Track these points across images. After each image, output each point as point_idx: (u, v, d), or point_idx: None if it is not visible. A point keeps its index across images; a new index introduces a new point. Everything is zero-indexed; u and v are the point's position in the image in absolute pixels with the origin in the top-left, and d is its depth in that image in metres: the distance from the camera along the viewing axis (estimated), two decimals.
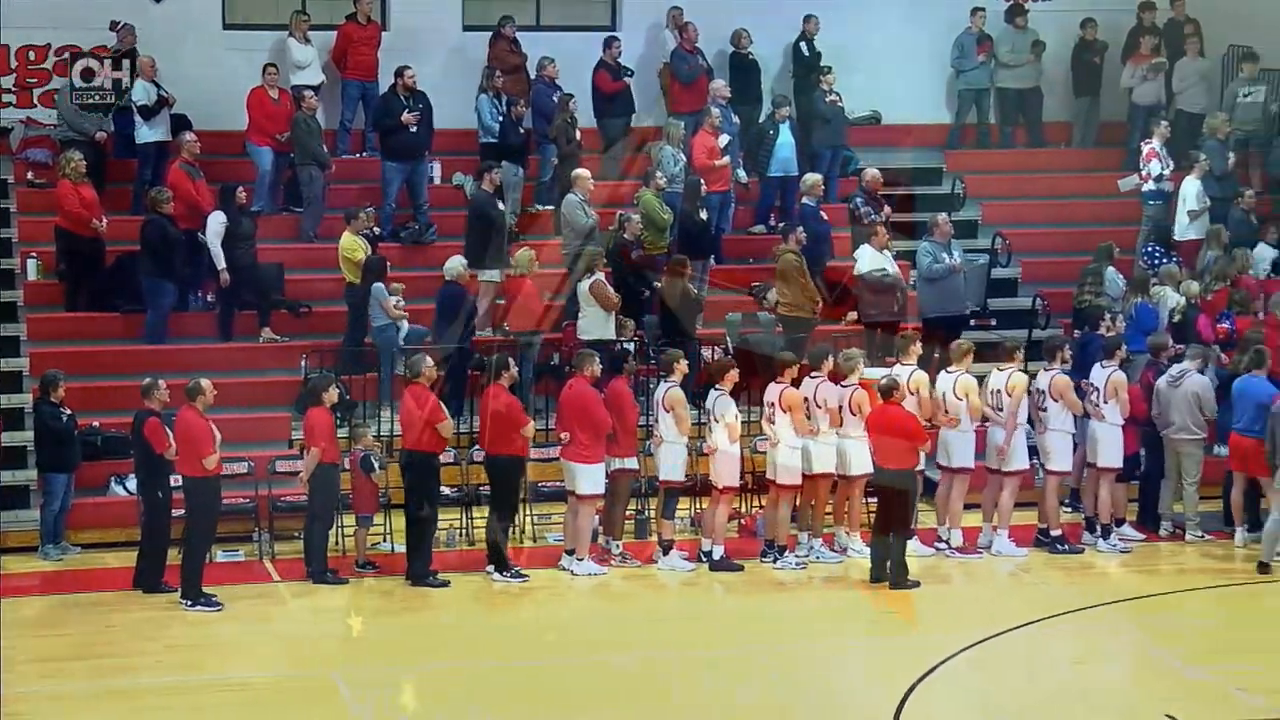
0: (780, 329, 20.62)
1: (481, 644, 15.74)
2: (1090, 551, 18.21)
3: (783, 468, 17.55)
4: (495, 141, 22.17)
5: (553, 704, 14.31)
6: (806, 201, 21.68)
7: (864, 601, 16.87)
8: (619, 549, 17.80)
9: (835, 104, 23.38)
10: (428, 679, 14.82)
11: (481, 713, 14.16)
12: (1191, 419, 18.25)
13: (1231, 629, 16.33)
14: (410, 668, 15.04)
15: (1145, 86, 24.49)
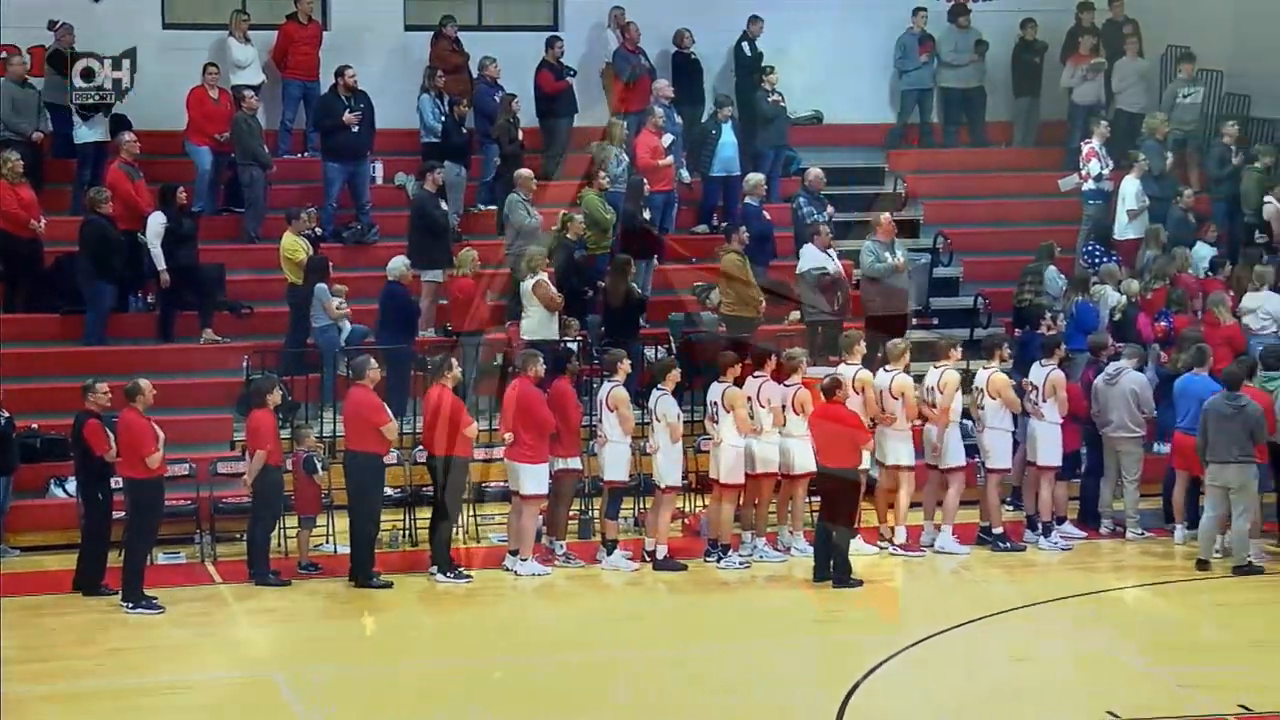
0: (723, 329, 20.66)
1: (425, 645, 15.71)
2: (1032, 549, 18.30)
3: (726, 467, 17.59)
4: (437, 141, 22.13)
5: (496, 704, 14.29)
6: (749, 201, 21.73)
7: (807, 600, 16.92)
8: (563, 549, 17.80)
9: (778, 104, 23.45)
10: (371, 680, 14.78)
11: (425, 713, 14.13)
12: (1130, 417, 18.36)
13: (1172, 626, 16.45)
14: (354, 669, 14.99)
15: (1085, 86, 24.65)
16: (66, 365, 19.23)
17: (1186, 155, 23.91)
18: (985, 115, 25.11)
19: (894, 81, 24.96)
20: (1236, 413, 17.25)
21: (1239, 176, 22.69)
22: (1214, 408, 17.40)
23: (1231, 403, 17.31)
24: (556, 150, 23.18)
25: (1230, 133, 23.05)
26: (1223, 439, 17.31)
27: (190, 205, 20.67)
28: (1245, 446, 17.27)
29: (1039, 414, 18.21)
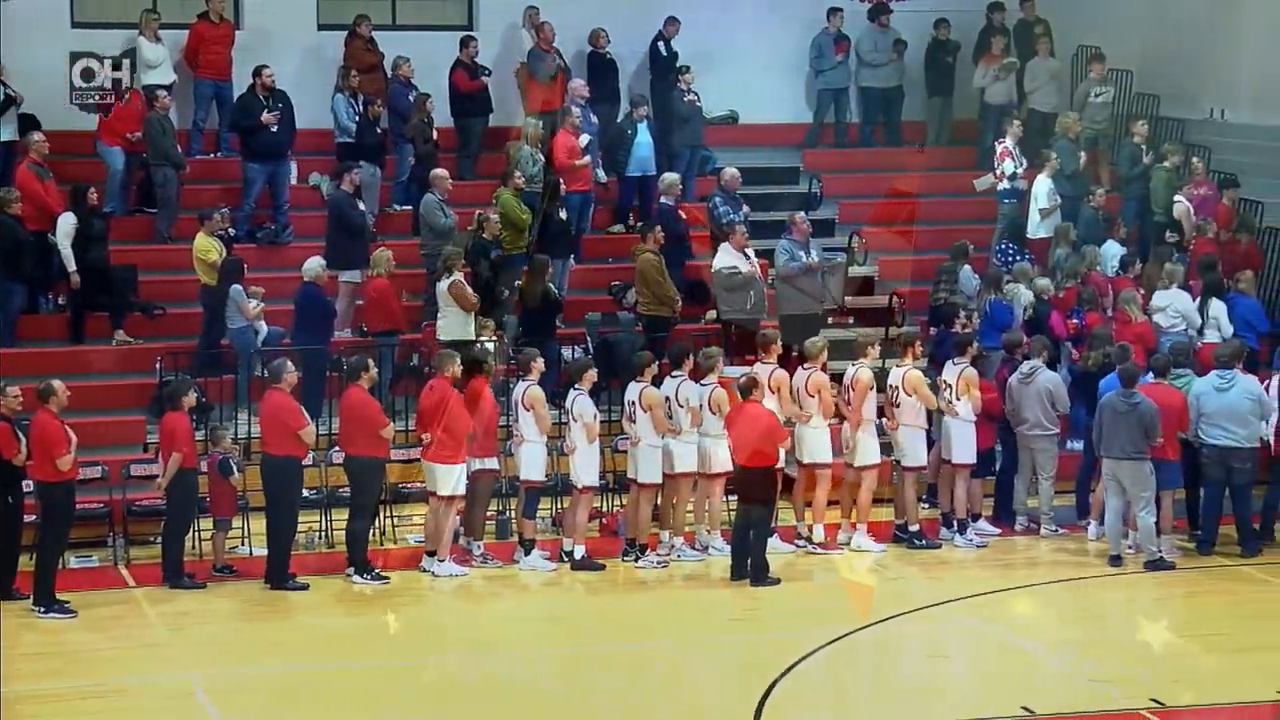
0: (640, 328, 20.70)
1: (342, 646, 15.65)
2: (947, 547, 18.42)
3: (644, 467, 17.62)
4: (352, 141, 22.07)
5: (413, 705, 14.26)
6: (665, 201, 21.77)
7: (725, 599, 16.97)
8: (480, 549, 17.79)
9: (693, 103, 23.51)
10: (287, 682, 14.72)
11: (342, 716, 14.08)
12: (1044, 415, 18.50)
13: (1085, 622, 16.60)
14: (270, 671, 14.93)
15: (997, 86, 24.84)
16: None
17: (1098, 154, 24.13)
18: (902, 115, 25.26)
19: (810, 81, 25.08)
20: (1130, 410, 17.41)
21: (1149, 176, 22.91)
22: (1109, 404, 17.57)
23: (1126, 400, 17.47)
24: (471, 150, 23.17)
25: (1140, 132, 23.28)
26: (1118, 435, 17.47)
27: (101, 206, 20.52)
28: (1139, 443, 17.42)
29: (953, 412, 18.33)
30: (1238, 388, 17.81)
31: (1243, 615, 16.55)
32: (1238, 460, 17.79)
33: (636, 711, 14.30)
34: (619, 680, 14.96)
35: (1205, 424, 17.87)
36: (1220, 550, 18.08)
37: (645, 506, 17.74)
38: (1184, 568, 17.73)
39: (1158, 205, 22.75)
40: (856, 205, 24.05)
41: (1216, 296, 20.52)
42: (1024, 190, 22.94)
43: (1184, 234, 22.17)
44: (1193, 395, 17.94)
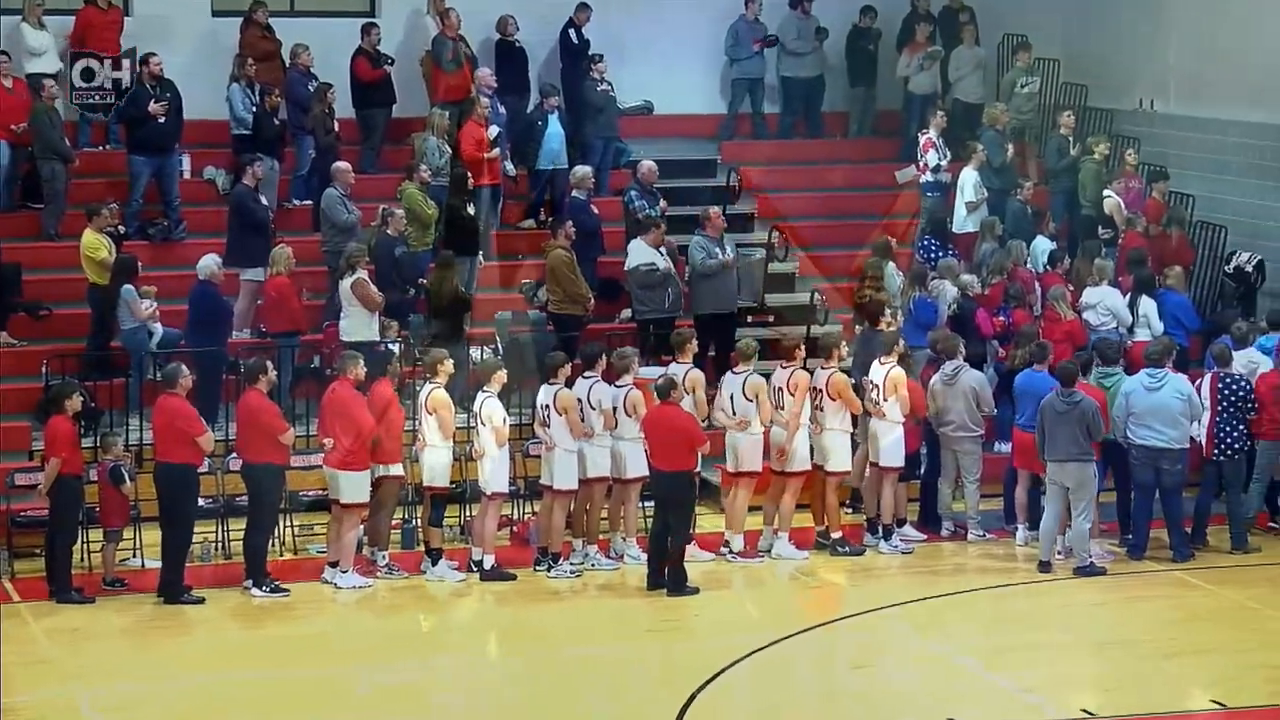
0: (551, 328, 20.68)
1: (239, 662, 15.55)
2: (872, 553, 18.49)
3: (558, 472, 17.59)
4: (248, 133, 21.94)
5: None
6: (577, 195, 21.76)
7: (642, 609, 16.97)
8: (385, 559, 17.71)
9: (606, 93, 23.49)
10: (182, 700, 14.62)
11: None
12: (969, 416, 18.59)
13: (1013, 629, 16.70)
14: (163, 689, 14.81)
15: (921, 76, 24.96)
16: None
17: (1025, 146, 24.28)
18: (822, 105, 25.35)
19: (725, 70, 25.12)
20: (1071, 409, 17.53)
21: (1077, 168, 23.08)
22: (1050, 405, 17.68)
23: (1066, 399, 17.59)
24: (374, 142, 23.07)
25: (1067, 123, 23.43)
26: (1060, 436, 17.58)
27: None
28: (1082, 444, 17.56)
29: (880, 413, 18.39)
30: (1168, 387, 17.94)
31: (1175, 621, 16.70)
32: (1167, 462, 17.92)
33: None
34: (530, 693, 14.94)
35: (1134, 424, 17.99)
36: (1152, 555, 18.23)
37: (558, 513, 17.71)
38: (1115, 573, 17.86)
39: (1086, 199, 22.92)
40: (776, 199, 24.10)
41: (1147, 293, 20.68)
42: (949, 183, 23.06)
43: (1116, 228, 22.35)
44: (1121, 394, 18.06)
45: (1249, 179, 22.69)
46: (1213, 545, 18.53)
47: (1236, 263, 22.06)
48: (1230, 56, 22.98)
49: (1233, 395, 18.35)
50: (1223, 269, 22.27)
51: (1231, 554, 18.36)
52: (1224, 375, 18.51)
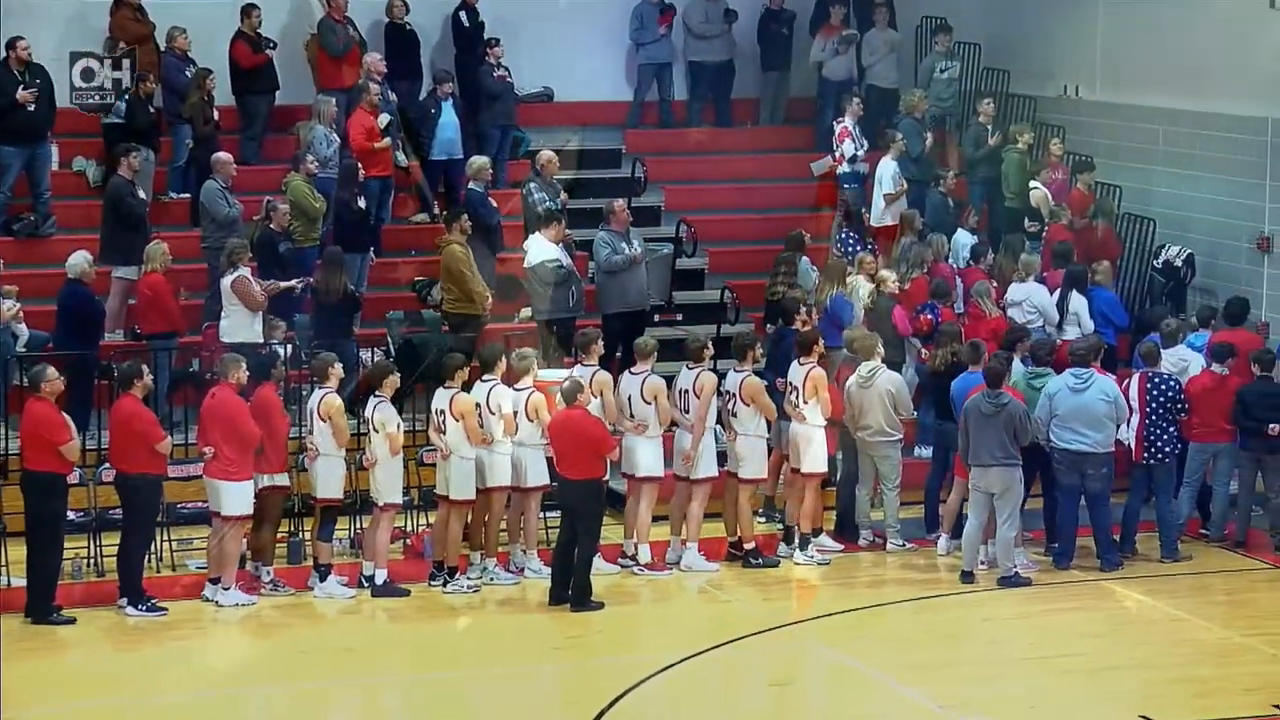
0: (447, 328, 20.66)
1: (112, 686, 15.45)
2: (786, 564, 18.58)
3: (454, 481, 17.59)
4: (121, 122, 21.80)
5: None
6: (473, 187, 21.76)
7: (544, 626, 16.98)
8: (270, 575, 17.65)
9: (503, 79, 23.51)
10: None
11: None
12: (886, 419, 18.69)
13: (934, 643, 16.80)
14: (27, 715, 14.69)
15: (836, 60, 25.10)
16: None
17: (945, 135, 24.46)
18: (732, 92, 25.44)
19: (631, 55, 25.17)
20: (998, 411, 17.65)
21: (998, 158, 23.26)
22: (974, 407, 17.78)
23: (993, 401, 17.71)
24: (257, 131, 23.00)
25: (987, 111, 23.63)
26: (985, 440, 17.70)
27: None
28: (1009, 448, 17.70)
29: (800, 416, 18.45)
30: (1093, 388, 18.09)
31: (1101, 634, 16.85)
32: (1091, 466, 18.09)
33: None
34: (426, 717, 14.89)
35: (1057, 427, 18.13)
36: (1078, 564, 18.40)
37: (455, 525, 17.70)
38: (1040, 583, 18.02)
39: (1010, 190, 23.11)
40: (683, 191, 24.19)
41: (1078, 289, 20.85)
42: (866, 174, 23.20)
43: (1042, 221, 22.53)
44: (1044, 396, 18.19)
45: (1178, 169, 22.93)
46: (1142, 553, 18.71)
47: (1165, 257, 22.30)
48: (1159, 41, 23.22)
49: (1162, 396, 18.54)
50: (1151, 263, 22.51)
51: (1161, 562, 18.56)
52: (1153, 375, 18.70)
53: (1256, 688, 15.43)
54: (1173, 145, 23.02)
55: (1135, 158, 23.42)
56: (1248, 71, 21.93)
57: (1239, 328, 20.02)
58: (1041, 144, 23.50)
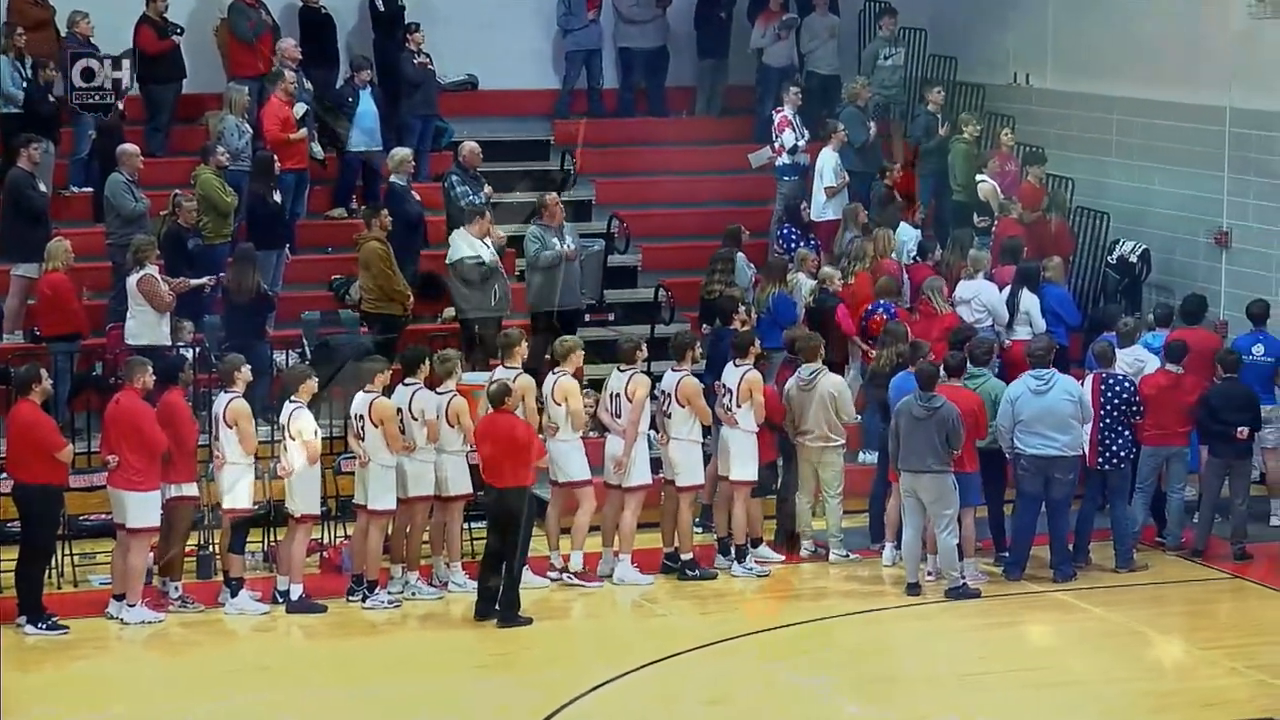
0: (366, 329, 20.62)
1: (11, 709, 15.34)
2: (724, 576, 18.59)
3: (373, 490, 17.54)
4: (19, 112, 21.73)
5: None
6: (394, 180, 21.73)
7: (469, 642, 16.96)
8: (178, 591, 17.58)
9: (425, 66, 23.48)
10: None
11: None
12: (828, 424, 18.71)
13: (878, 659, 16.86)
14: None
15: (777, 47, 25.17)
16: None
17: (889, 125, 24.54)
18: (666, 80, 25.47)
19: (558, 41, 25.17)
20: (930, 415, 17.66)
21: (946, 149, 23.34)
22: (906, 410, 17.78)
23: (925, 404, 17.71)
24: (163, 122, 22.92)
25: (936, 99, 23.72)
26: (916, 445, 17.70)
27: None
28: (941, 454, 17.69)
29: (732, 421, 18.49)
30: (1056, 388, 18.14)
31: (1054, 648, 16.94)
32: (1059, 471, 18.15)
33: None
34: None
35: (1022, 432, 18.16)
36: (1030, 574, 18.48)
37: (375, 536, 17.66)
38: (990, 595, 18.09)
39: (957, 183, 23.20)
40: (616, 184, 24.20)
41: (1028, 286, 20.92)
42: (807, 165, 23.25)
43: (991, 215, 22.62)
44: (1006, 400, 18.23)
45: (1133, 161, 23.09)
46: (1096, 563, 18.80)
47: (1120, 252, 22.42)
48: (1113, 26, 23.36)
49: (1117, 398, 18.61)
50: (1105, 259, 22.62)
51: (1116, 572, 18.64)
52: (1107, 376, 18.77)
53: (1216, 703, 15.55)
54: (1128, 136, 23.16)
55: (1088, 149, 23.57)
56: (1205, 58, 22.09)
57: (1196, 326, 20.16)
58: (990, 134, 23.58)
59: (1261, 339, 19.97)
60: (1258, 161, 21.56)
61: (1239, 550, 19.02)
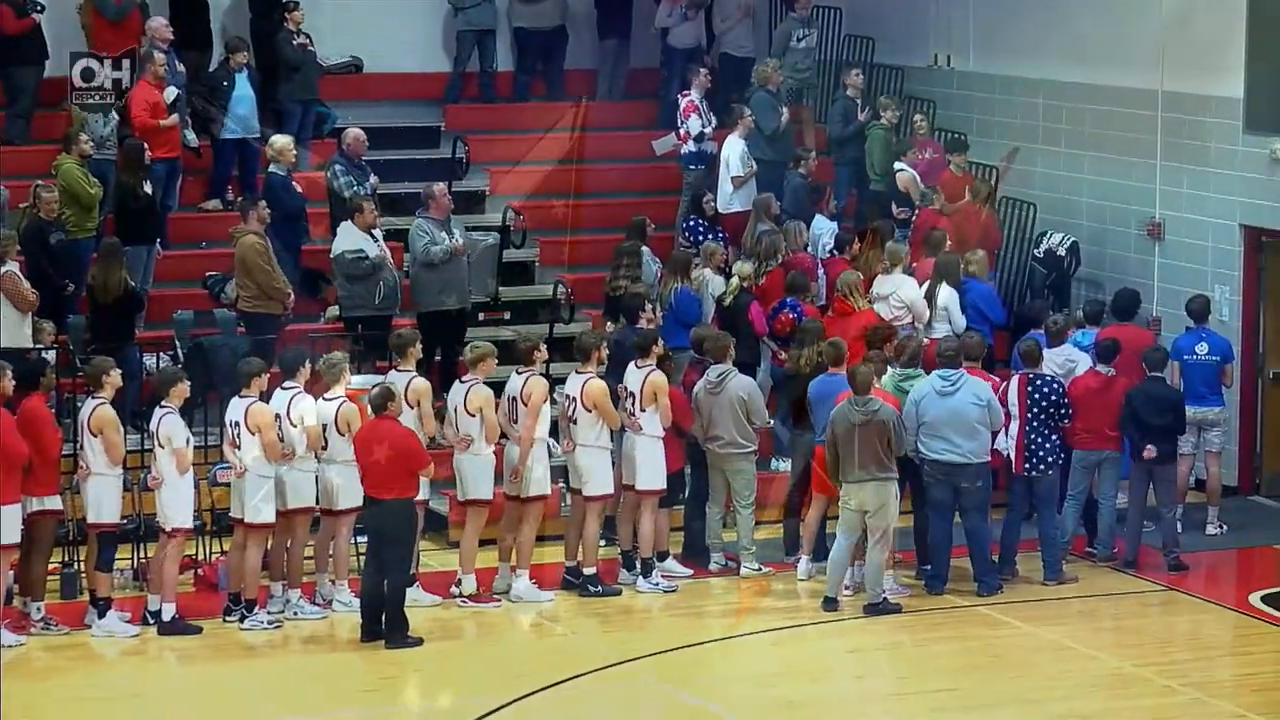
0: (243, 330, 20.55)
1: None
2: (629, 592, 18.64)
3: (250, 503, 17.49)
4: None
5: None
6: (273, 170, 21.65)
7: (355, 665, 16.95)
8: (40, 612, 17.48)
9: (305, 48, 23.39)
10: None
11: None
12: (739, 429, 18.76)
13: (792, 679, 16.88)
14: None
15: (684, 27, 25.19)
16: None
17: (802, 110, 24.62)
18: (565, 62, 25.48)
19: (449, 20, 25.14)
20: (868, 420, 17.75)
21: (863, 136, 23.44)
22: (842, 416, 17.82)
23: (861, 409, 17.81)
24: (23, 107, 22.75)
25: (855, 83, 23.82)
26: (856, 453, 17.74)
27: None
28: (884, 460, 17.78)
29: (636, 426, 18.52)
30: (963, 391, 18.22)
31: (979, 666, 17.05)
32: (965, 479, 18.25)
33: None
34: None
35: (926, 435, 18.26)
36: (954, 588, 18.59)
37: (253, 552, 17.61)
38: (911, 610, 18.19)
39: (875, 172, 23.32)
40: (510, 173, 24.18)
41: (948, 282, 21.05)
42: (713, 153, 23.30)
43: (911, 206, 22.73)
44: (910, 401, 18.30)
45: (1061, 148, 23.24)
46: (1023, 575, 18.92)
47: (1047, 245, 22.58)
48: (1039, 5, 23.49)
49: (1045, 400, 18.72)
50: (1031, 253, 22.78)
51: (1044, 585, 18.77)
52: (1034, 377, 18.88)
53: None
54: (1055, 121, 23.32)
55: (1014, 135, 23.70)
56: (1136, 39, 22.23)
57: (1128, 323, 20.33)
58: (909, 120, 23.69)
59: (1205, 336, 20.18)
60: (1191, 148, 21.73)
61: (1173, 561, 19.18)
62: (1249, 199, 21.15)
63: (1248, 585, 19.17)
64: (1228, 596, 18.89)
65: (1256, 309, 21.34)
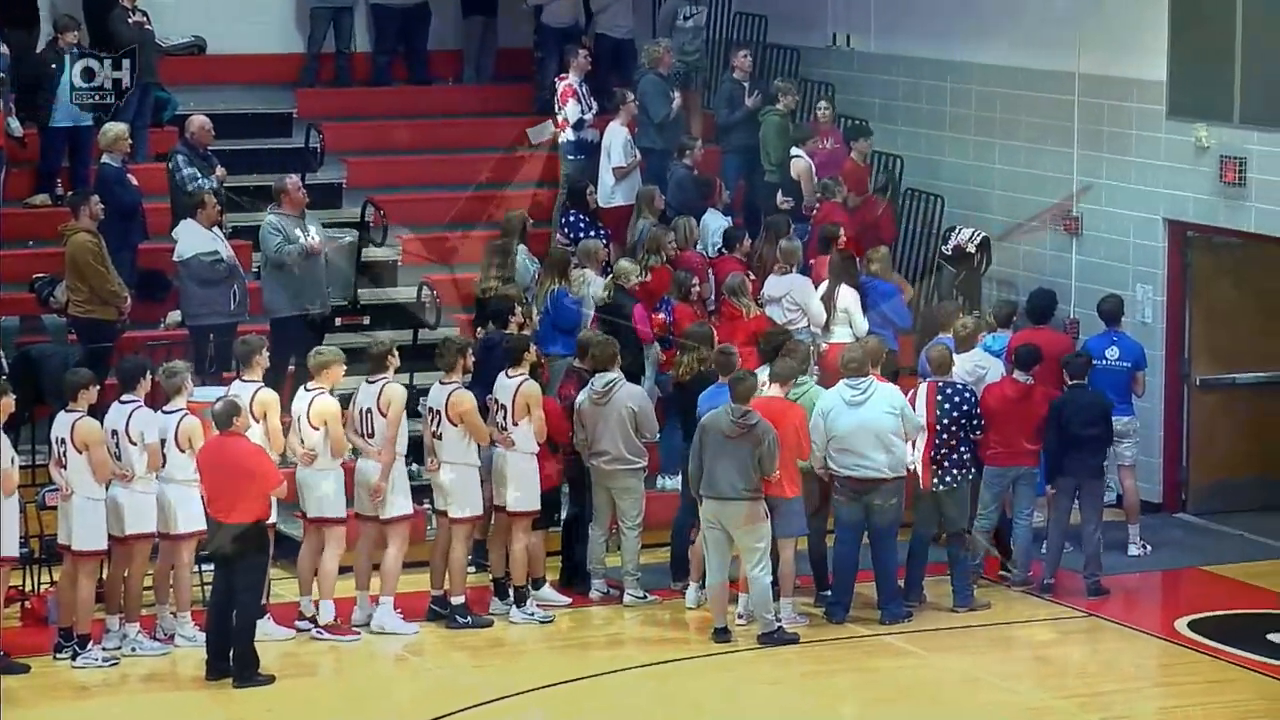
0: (75, 337, 20.43)
1: None
2: (501, 623, 18.64)
3: (79, 528, 17.39)
4: None
5: None
6: (107, 161, 21.55)
7: (200, 704, 16.91)
8: None
9: (142, 26, 23.28)
10: None
11: None
12: (626, 443, 18.80)
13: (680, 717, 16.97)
14: None
15: (558, 4, 25.20)
16: None
17: (690, 95, 24.65)
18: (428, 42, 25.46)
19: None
20: (744, 433, 17.75)
21: (757, 122, 23.51)
22: (713, 425, 17.83)
23: (737, 419, 17.81)
24: None
25: (743, 65, 23.87)
26: (723, 466, 17.77)
27: None
28: (753, 478, 17.75)
29: (508, 441, 18.53)
30: (874, 400, 18.31)
31: (883, 699, 17.18)
32: (880, 496, 18.32)
33: None
34: None
35: (835, 450, 18.33)
36: (856, 615, 18.67)
37: (85, 583, 17.51)
38: (809, 640, 18.26)
39: (769, 161, 23.38)
40: (370, 164, 24.15)
41: (847, 281, 21.13)
42: (594, 142, 23.33)
43: (805, 199, 22.81)
44: (817, 413, 18.37)
45: (970, 135, 23.37)
46: (931, 601, 19.03)
47: (956, 241, 22.66)
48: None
49: (955, 410, 18.81)
50: (939, 249, 22.89)
51: (954, 612, 18.90)
52: (943, 385, 18.98)
53: None
54: (963, 106, 23.45)
55: (919, 121, 23.85)
56: (1051, 18, 22.38)
57: (1045, 326, 20.46)
58: (806, 106, 23.77)
59: (1116, 340, 20.32)
60: (1111, 136, 21.91)
61: (1093, 584, 19.31)
62: (1173, 190, 21.31)
63: (1174, 610, 19.30)
64: (1153, 623, 19.03)
65: (1182, 310, 21.50)
